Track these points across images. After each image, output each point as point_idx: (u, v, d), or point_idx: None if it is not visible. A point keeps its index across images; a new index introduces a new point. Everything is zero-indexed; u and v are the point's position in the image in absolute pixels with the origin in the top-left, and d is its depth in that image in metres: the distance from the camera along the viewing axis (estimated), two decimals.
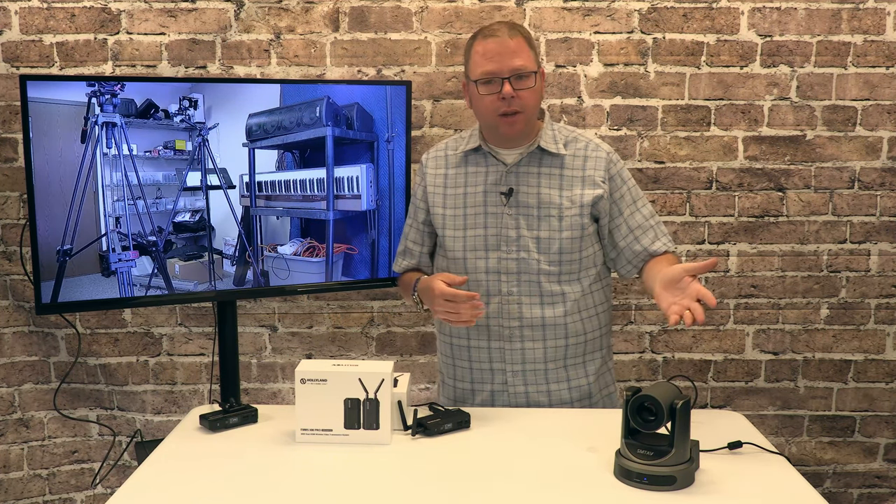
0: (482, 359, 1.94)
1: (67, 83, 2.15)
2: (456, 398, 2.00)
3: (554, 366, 1.92)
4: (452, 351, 1.99)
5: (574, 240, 1.88)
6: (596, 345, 1.97)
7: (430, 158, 2.02)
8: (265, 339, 2.75)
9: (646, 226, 1.93)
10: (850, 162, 2.66)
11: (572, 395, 1.95)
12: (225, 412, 1.77)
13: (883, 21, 2.58)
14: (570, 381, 1.94)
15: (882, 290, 2.72)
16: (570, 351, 1.92)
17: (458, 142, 1.99)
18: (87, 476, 2.80)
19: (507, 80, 1.79)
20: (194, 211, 2.29)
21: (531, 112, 1.85)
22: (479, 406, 1.95)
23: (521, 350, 1.91)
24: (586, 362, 1.96)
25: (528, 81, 1.81)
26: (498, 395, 1.94)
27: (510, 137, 1.88)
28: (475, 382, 1.96)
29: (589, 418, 1.84)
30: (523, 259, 1.88)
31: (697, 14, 2.58)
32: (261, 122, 2.30)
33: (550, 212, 1.87)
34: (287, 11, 2.56)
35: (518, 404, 1.93)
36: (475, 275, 1.90)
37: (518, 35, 1.83)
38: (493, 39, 1.81)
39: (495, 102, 1.81)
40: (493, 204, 1.90)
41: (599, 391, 1.99)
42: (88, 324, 2.69)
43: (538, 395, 1.93)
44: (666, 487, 1.45)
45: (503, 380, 1.93)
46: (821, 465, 2.81)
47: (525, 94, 1.81)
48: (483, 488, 1.48)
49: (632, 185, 1.95)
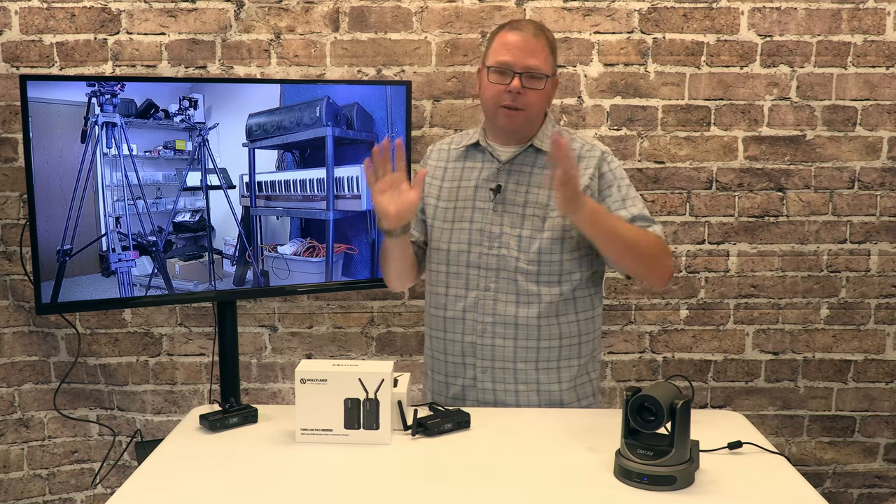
0: (455, 352, 1.94)
1: (67, 83, 2.15)
2: (434, 391, 2.01)
3: (524, 367, 1.90)
4: (431, 343, 2.00)
5: (554, 241, 1.86)
6: (573, 352, 1.93)
7: (434, 150, 2.04)
8: (265, 339, 2.75)
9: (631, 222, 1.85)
10: (850, 162, 2.66)
11: (541, 400, 1.91)
12: (225, 412, 1.77)
13: (883, 21, 2.58)
14: (539, 384, 1.91)
15: (882, 290, 2.72)
16: (542, 354, 1.90)
17: (463, 137, 2.01)
18: (87, 476, 2.80)
19: (519, 76, 1.80)
20: (194, 211, 2.29)
21: (533, 113, 1.85)
22: (452, 400, 1.95)
23: (491, 346, 1.90)
24: (560, 368, 1.92)
25: (538, 83, 1.81)
26: (468, 390, 1.93)
27: (506, 130, 1.88)
28: (448, 376, 1.96)
29: (589, 418, 1.84)
30: (503, 256, 1.87)
31: (697, 14, 2.58)
32: (261, 122, 2.30)
33: (536, 211, 1.87)
34: (287, 11, 2.56)
35: (486, 401, 1.92)
36: (457, 267, 1.91)
37: (542, 36, 1.84)
38: (518, 33, 1.82)
39: (501, 93, 1.82)
40: (482, 199, 1.91)
41: (577, 400, 1.95)
42: (88, 324, 2.69)
43: (505, 395, 1.91)
44: (666, 487, 1.45)
45: (473, 375, 1.92)
46: (821, 465, 2.81)
47: (531, 95, 1.82)
48: (483, 488, 1.48)
49: (624, 184, 1.89)
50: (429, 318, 2.00)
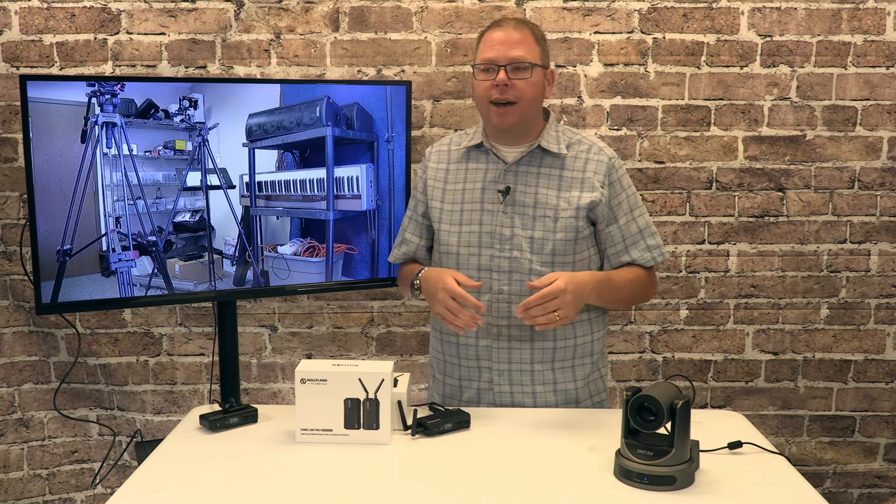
0: (470, 356, 1.93)
1: (67, 83, 2.15)
2: (445, 395, 2.00)
3: (541, 368, 1.91)
4: (443, 347, 1.99)
5: (568, 242, 1.87)
6: (586, 350, 1.95)
7: (433, 152, 2.03)
8: (265, 339, 2.75)
9: (638, 237, 1.92)
10: (850, 162, 2.66)
11: (558, 399, 1.93)
12: (225, 412, 1.77)
13: (883, 21, 2.58)
14: (556, 384, 1.92)
15: (882, 290, 2.72)
16: (558, 354, 1.91)
17: (463, 137, 2.00)
18: (87, 476, 2.80)
19: (504, 69, 1.81)
20: (194, 211, 2.29)
21: (526, 105, 1.84)
22: (466, 403, 1.94)
23: (507, 349, 1.90)
24: (575, 367, 1.94)
25: (524, 73, 1.82)
26: (484, 393, 1.94)
27: (500, 129, 1.88)
28: (463, 380, 1.96)
29: (589, 418, 1.84)
30: (515, 258, 1.87)
31: (697, 14, 2.58)
32: (261, 122, 2.30)
33: (546, 212, 1.87)
34: (287, 11, 2.56)
35: (503, 404, 1.92)
36: (468, 270, 1.90)
37: (525, 28, 1.85)
38: (499, 30, 1.84)
39: (489, 89, 1.83)
40: (490, 201, 1.90)
41: (590, 397, 1.97)
42: (88, 324, 2.69)
43: (523, 397, 1.92)
44: (666, 487, 1.45)
45: (489, 378, 1.92)
46: (821, 465, 2.81)
47: (520, 85, 1.81)
48: (483, 488, 1.48)
49: (631, 192, 1.93)
50: (437, 321, 1.99)
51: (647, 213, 1.95)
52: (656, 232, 1.95)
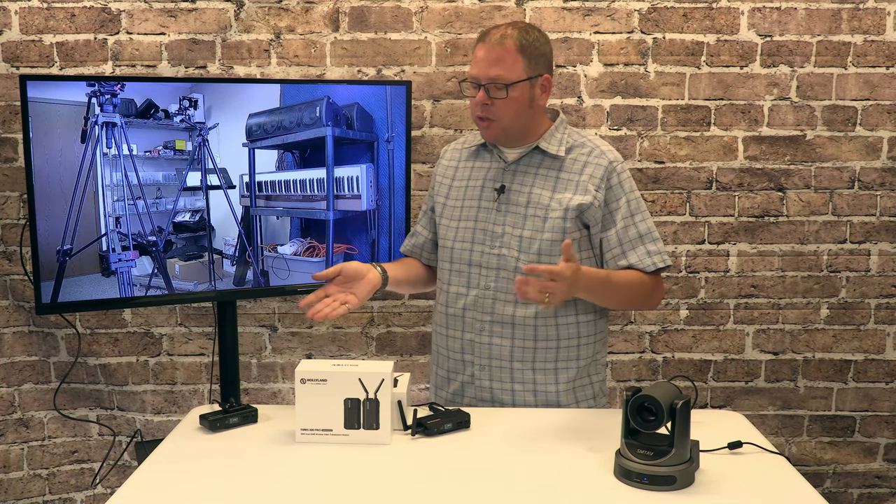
0: (455, 349, 1.96)
1: (67, 83, 2.15)
2: (437, 385, 2.04)
3: (521, 366, 1.90)
4: (436, 339, 2.03)
5: (555, 242, 1.86)
6: (571, 354, 1.92)
7: (449, 149, 2.07)
8: (265, 339, 2.75)
9: (637, 242, 1.89)
10: (850, 162, 2.66)
11: (538, 400, 1.91)
12: (225, 412, 1.77)
13: (883, 21, 2.58)
14: (536, 384, 1.91)
15: (882, 290, 2.72)
16: (539, 355, 1.90)
17: (476, 136, 2.02)
18: (87, 476, 2.80)
19: (484, 87, 1.82)
20: (194, 211, 2.29)
21: (507, 122, 1.84)
22: (453, 395, 1.97)
23: (489, 345, 1.91)
24: (558, 370, 1.92)
25: (500, 92, 1.81)
26: (467, 386, 1.95)
27: (487, 140, 1.93)
28: (450, 372, 1.98)
29: (589, 418, 1.84)
30: (503, 255, 1.88)
31: (697, 14, 2.58)
32: (261, 122, 2.30)
33: (537, 212, 1.87)
34: (287, 11, 2.56)
35: (483, 399, 1.93)
36: (459, 265, 1.93)
37: (509, 41, 1.81)
38: (483, 45, 1.84)
39: (473, 105, 1.86)
40: (487, 199, 1.92)
41: (576, 403, 1.94)
42: (88, 324, 2.69)
43: (502, 394, 1.92)
44: (666, 487, 1.45)
45: (471, 372, 1.94)
46: (821, 465, 2.81)
47: (498, 104, 1.82)
48: (483, 488, 1.48)
49: (633, 197, 1.90)
50: (435, 313, 2.03)
51: (650, 219, 1.91)
52: (659, 238, 1.91)
